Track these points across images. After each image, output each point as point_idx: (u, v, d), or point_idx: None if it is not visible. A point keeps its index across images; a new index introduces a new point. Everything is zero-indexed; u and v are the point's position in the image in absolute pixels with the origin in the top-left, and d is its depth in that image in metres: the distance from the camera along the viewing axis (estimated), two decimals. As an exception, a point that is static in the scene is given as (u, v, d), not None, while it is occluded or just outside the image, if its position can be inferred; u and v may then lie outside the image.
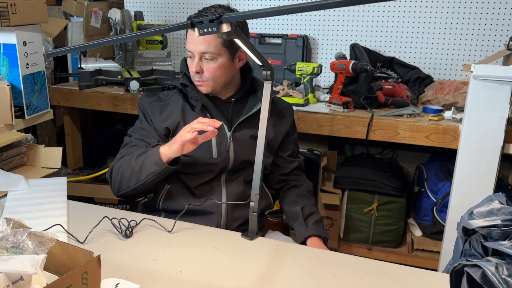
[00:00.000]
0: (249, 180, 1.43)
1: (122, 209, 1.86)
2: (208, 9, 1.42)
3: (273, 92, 1.53)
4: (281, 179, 1.63)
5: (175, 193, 1.49)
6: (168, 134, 1.50)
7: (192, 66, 1.45)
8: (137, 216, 1.33)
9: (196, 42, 1.41)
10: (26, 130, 1.86)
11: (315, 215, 1.54)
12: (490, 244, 0.79)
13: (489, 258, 0.78)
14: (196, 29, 1.01)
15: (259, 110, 1.40)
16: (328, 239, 1.51)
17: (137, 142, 1.49)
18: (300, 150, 1.73)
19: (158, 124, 1.49)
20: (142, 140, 1.49)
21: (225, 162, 1.48)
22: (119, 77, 2.45)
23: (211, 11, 1.40)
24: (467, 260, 0.78)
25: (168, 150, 1.37)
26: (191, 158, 1.45)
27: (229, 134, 1.49)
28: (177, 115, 1.48)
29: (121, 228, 1.24)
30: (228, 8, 1.45)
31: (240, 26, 1.44)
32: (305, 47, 2.54)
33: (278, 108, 1.60)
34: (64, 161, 2.49)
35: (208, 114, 1.49)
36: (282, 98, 1.83)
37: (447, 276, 0.82)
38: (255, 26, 2.73)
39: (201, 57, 1.43)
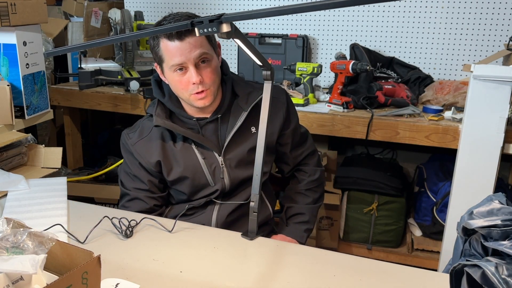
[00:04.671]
0: (242, 202, 1.43)
1: (122, 209, 1.86)
2: (172, 16, 1.31)
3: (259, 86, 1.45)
4: (290, 168, 1.56)
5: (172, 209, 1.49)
6: (160, 169, 1.41)
7: (192, 78, 1.29)
8: (137, 216, 1.33)
9: (188, 49, 1.27)
10: (26, 130, 1.86)
11: (300, 216, 1.51)
12: (490, 244, 0.79)
13: (489, 258, 0.78)
14: (196, 29, 1.01)
15: (245, 120, 1.38)
16: (302, 243, 1.47)
17: (135, 194, 1.43)
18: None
19: (147, 164, 1.40)
20: (139, 190, 1.43)
21: (222, 187, 1.41)
22: (119, 77, 2.45)
23: (175, 17, 1.30)
24: (467, 260, 0.78)
25: None
26: (188, 189, 1.42)
27: (220, 159, 1.40)
28: (156, 154, 1.39)
29: (121, 228, 1.24)
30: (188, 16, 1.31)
31: None
32: (305, 47, 2.54)
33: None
34: (64, 161, 2.49)
35: (193, 144, 1.40)
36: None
37: (447, 276, 0.82)
38: (255, 26, 2.73)
39: (195, 64, 1.30)
